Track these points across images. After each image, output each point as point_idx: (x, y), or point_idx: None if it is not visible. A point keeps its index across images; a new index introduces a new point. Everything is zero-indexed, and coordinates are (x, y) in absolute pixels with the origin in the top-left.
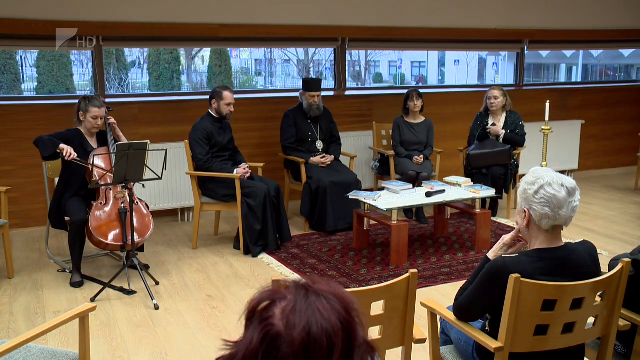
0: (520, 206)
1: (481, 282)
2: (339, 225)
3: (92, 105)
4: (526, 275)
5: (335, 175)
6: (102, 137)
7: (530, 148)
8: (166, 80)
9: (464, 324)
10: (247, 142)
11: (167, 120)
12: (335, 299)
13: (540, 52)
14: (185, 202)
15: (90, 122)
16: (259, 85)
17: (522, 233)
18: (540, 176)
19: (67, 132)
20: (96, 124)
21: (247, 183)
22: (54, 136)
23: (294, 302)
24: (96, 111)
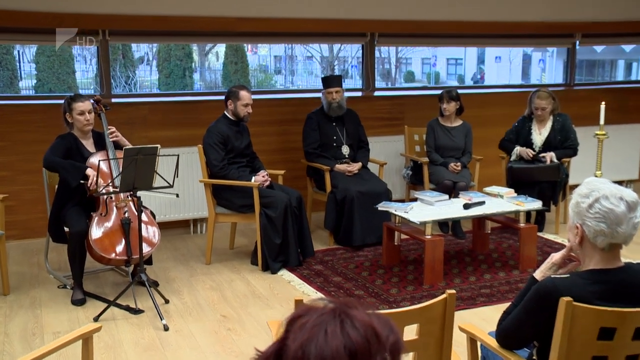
0: (572, 221)
1: (527, 305)
2: (367, 240)
3: (75, 102)
4: (580, 299)
5: (362, 184)
6: (98, 138)
7: (582, 155)
8: (177, 79)
9: (508, 352)
10: (265, 147)
11: (179, 122)
12: (361, 327)
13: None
14: (199, 212)
15: (79, 120)
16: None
17: (574, 251)
18: (595, 188)
19: (63, 141)
20: (85, 120)
21: (266, 192)
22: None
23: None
24: (80, 105)
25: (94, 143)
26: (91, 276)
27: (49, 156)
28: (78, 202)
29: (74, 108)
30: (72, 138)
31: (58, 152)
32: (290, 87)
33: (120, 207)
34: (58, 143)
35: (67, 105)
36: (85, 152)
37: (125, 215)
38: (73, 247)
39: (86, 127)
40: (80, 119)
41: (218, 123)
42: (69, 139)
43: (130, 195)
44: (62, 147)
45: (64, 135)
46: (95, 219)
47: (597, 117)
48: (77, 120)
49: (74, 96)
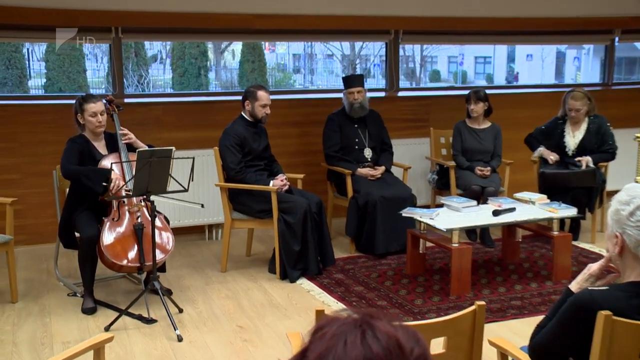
0: (611, 230)
1: (562, 319)
2: (390, 248)
3: (86, 102)
4: (619, 313)
5: (386, 189)
6: (111, 140)
7: (621, 160)
8: (191, 78)
9: None
10: (284, 149)
11: (194, 123)
12: (383, 338)
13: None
14: (214, 217)
15: (91, 122)
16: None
17: (613, 262)
18: (636, 194)
19: (75, 145)
20: (98, 122)
21: (285, 197)
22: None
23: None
24: (93, 107)
25: (106, 145)
26: (102, 284)
27: (67, 165)
28: (89, 206)
29: (86, 109)
30: (83, 140)
31: (73, 157)
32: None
33: (132, 212)
34: (70, 148)
35: (78, 105)
36: (97, 155)
37: (138, 220)
38: (84, 253)
39: (98, 129)
40: (92, 121)
41: (235, 124)
42: (80, 142)
43: (144, 200)
44: (75, 152)
45: (75, 138)
46: (107, 224)
47: (637, 119)
48: (89, 121)
49: (86, 96)
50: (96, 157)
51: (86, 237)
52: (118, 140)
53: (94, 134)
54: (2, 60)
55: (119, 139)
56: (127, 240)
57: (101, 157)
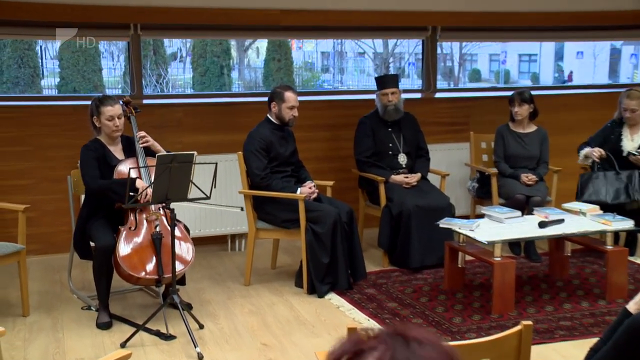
0: None
1: (619, 343)
2: (427, 261)
3: (103, 105)
4: None
5: (422, 198)
6: (128, 144)
7: None
8: (213, 77)
9: None
10: (312, 154)
11: (216, 126)
12: (440, 351)
13: None
14: (237, 227)
15: (108, 126)
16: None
17: None
18: None
19: (90, 153)
20: (115, 126)
21: (313, 206)
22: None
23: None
24: (110, 110)
25: (123, 149)
26: (118, 297)
27: (91, 181)
28: (105, 214)
29: (103, 112)
30: (98, 145)
31: (93, 169)
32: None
33: (150, 221)
34: (87, 157)
35: (95, 108)
36: (113, 160)
37: (156, 229)
38: (99, 264)
39: (115, 133)
40: (109, 125)
41: (260, 128)
42: (95, 147)
43: (163, 208)
44: (93, 162)
45: (89, 145)
46: (124, 234)
47: None
48: (105, 125)
49: (103, 98)
50: (112, 163)
51: (101, 246)
52: (135, 144)
53: (110, 138)
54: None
55: (137, 142)
56: (144, 251)
57: (117, 162)
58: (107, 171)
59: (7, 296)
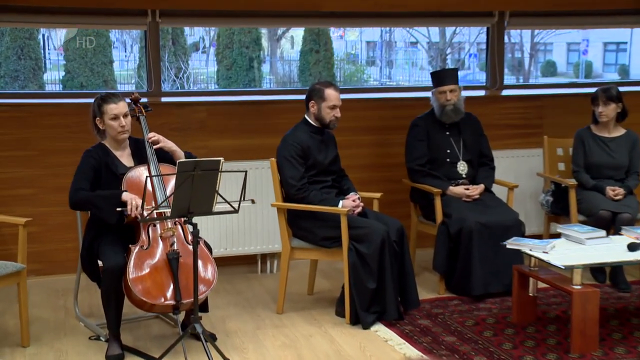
0: None
1: None
2: (491, 288)
3: (106, 103)
4: None
5: (485, 214)
6: (137, 149)
7: None
8: (241, 71)
9: None
10: (356, 162)
11: (246, 129)
12: None
13: None
14: (269, 245)
15: (112, 127)
16: (372, 80)
17: None
18: None
19: (90, 160)
20: (120, 126)
21: (358, 221)
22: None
23: None
24: (114, 108)
25: (132, 154)
26: (131, 325)
27: (73, 192)
28: (115, 229)
29: (106, 111)
30: (102, 152)
31: (83, 179)
32: (387, 82)
33: (165, 238)
34: (84, 165)
35: (97, 107)
36: (119, 168)
37: (172, 247)
38: (107, 287)
39: (121, 135)
40: (114, 125)
41: (296, 131)
42: (98, 155)
43: (180, 223)
44: (88, 171)
45: (92, 151)
46: (135, 253)
47: None
48: (109, 126)
49: (105, 96)
50: (118, 171)
51: (110, 267)
52: (146, 148)
53: (116, 142)
54: (14, 49)
55: (147, 146)
56: (159, 273)
57: (125, 170)
58: (111, 181)
59: (4, 323)
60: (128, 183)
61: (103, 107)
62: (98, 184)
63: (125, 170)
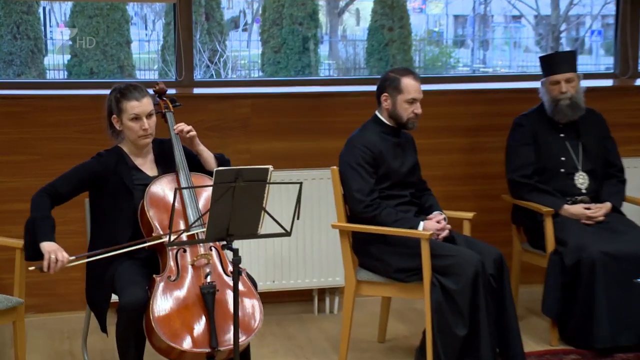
0: None
1: None
2: (621, 339)
3: (126, 98)
4: None
5: (612, 241)
6: (163, 154)
7: None
8: (292, 55)
9: None
10: (440, 171)
11: (300, 128)
12: None
13: None
14: (328, 278)
15: (133, 129)
16: (461, 66)
17: None
18: None
19: (92, 166)
20: (143, 129)
21: (444, 249)
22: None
23: None
24: (135, 106)
25: (155, 161)
26: None
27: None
28: (134, 255)
29: (125, 109)
30: (115, 158)
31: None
32: (481, 68)
33: (198, 267)
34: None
35: (114, 102)
36: (139, 178)
37: (206, 279)
38: (124, 329)
39: (142, 139)
40: (134, 128)
41: (365, 131)
42: (108, 161)
43: (217, 248)
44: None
45: (103, 155)
46: (161, 286)
47: None
48: (128, 128)
49: (125, 89)
50: (133, 183)
51: (128, 303)
52: (175, 152)
53: (136, 147)
54: (8, 26)
55: (176, 149)
56: (190, 312)
57: (146, 180)
58: (123, 195)
59: None
60: (151, 200)
61: (122, 104)
62: (101, 197)
63: (147, 181)
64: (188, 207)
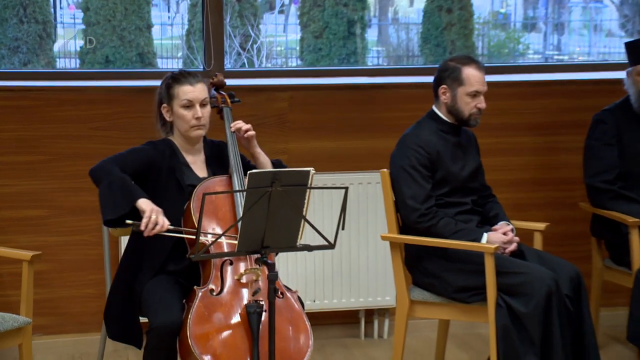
0: None
1: None
2: None
3: (179, 83)
4: None
5: None
6: (217, 154)
7: None
8: (336, 41)
9: None
10: (507, 176)
11: (344, 125)
12: None
13: None
14: (377, 297)
15: (185, 118)
16: (532, 53)
17: None
18: None
19: (148, 152)
20: (195, 118)
21: (511, 265)
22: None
23: None
24: (189, 91)
25: (206, 161)
26: None
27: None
28: (164, 267)
29: (177, 94)
30: (168, 148)
31: (128, 162)
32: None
33: (247, 283)
34: (140, 151)
35: (164, 89)
36: (189, 177)
37: (254, 296)
38: (154, 351)
39: (194, 130)
40: (186, 116)
41: (420, 129)
42: (164, 150)
43: (260, 261)
44: (140, 161)
45: (157, 143)
46: (200, 298)
47: None
48: (179, 117)
49: (179, 74)
50: (184, 181)
51: (161, 326)
52: (229, 152)
53: (187, 140)
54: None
55: (231, 149)
56: (233, 332)
57: (196, 181)
58: (173, 192)
59: None
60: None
61: (174, 89)
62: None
63: (196, 181)
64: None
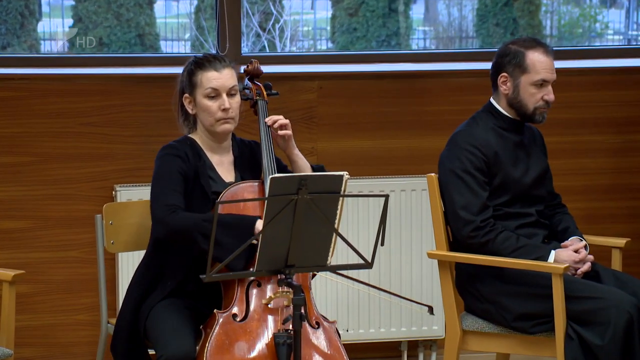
0: None
1: None
2: None
3: (203, 69)
4: None
5: None
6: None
7: None
8: (373, 20)
9: None
10: (579, 182)
11: (384, 121)
12: None
13: None
14: (422, 327)
15: (209, 109)
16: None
17: None
18: None
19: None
20: (222, 109)
21: (584, 288)
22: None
23: None
24: (213, 78)
25: (234, 162)
26: None
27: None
28: (185, 286)
29: (200, 82)
30: (188, 149)
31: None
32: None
33: (275, 309)
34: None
35: (186, 76)
36: (213, 182)
37: (284, 325)
38: None
39: (221, 124)
40: (211, 108)
41: (475, 126)
42: (186, 152)
43: (283, 283)
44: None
45: (174, 146)
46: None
47: None
48: (203, 109)
49: (204, 58)
50: (209, 186)
51: (172, 356)
52: (262, 153)
53: (212, 137)
54: None
55: (265, 149)
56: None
57: (221, 187)
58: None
59: None
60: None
61: (196, 76)
62: None
63: (221, 188)
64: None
